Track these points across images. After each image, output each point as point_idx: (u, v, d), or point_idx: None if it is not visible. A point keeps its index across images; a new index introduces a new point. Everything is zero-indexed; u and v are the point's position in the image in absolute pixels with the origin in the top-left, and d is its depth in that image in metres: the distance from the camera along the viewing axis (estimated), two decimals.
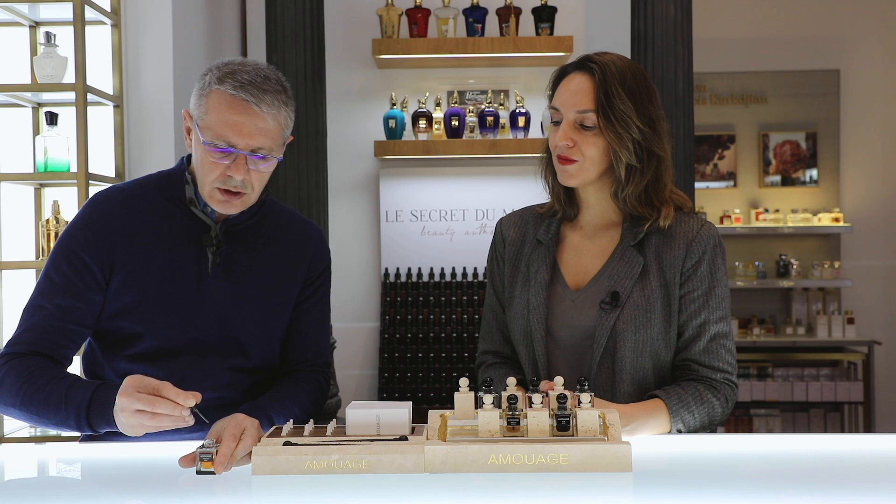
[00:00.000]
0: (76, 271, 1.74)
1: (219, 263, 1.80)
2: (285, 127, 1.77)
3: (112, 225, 1.77)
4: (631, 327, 1.78)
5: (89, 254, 1.75)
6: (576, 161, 1.80)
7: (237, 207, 1.78)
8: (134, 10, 2.85)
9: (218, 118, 1.71)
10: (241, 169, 1.72)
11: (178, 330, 1.77)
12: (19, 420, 1.72)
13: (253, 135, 1.71)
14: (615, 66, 1.80)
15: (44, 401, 1.64)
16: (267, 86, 1.72)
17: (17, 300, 2.80)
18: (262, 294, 1.83)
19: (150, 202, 1.82)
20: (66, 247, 1.77)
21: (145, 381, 1.51)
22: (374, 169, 3.79)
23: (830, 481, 1.42)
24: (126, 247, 1.76)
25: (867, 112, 5.68)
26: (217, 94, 1.72)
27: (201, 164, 1.75)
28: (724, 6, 5.62)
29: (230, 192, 1.75)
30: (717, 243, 1.84)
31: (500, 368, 1.94)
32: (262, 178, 1.77)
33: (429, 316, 3.59)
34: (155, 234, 1.78)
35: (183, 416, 1.48)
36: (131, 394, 1.50)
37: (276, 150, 1.75)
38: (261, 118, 1.71)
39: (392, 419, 1.46)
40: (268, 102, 1.71)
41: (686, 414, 1.75)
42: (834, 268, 5.40)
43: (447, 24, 3.63)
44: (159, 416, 1.49)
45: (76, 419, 1.62)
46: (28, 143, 2.85)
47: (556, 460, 1.37)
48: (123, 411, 1.52)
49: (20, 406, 1.66)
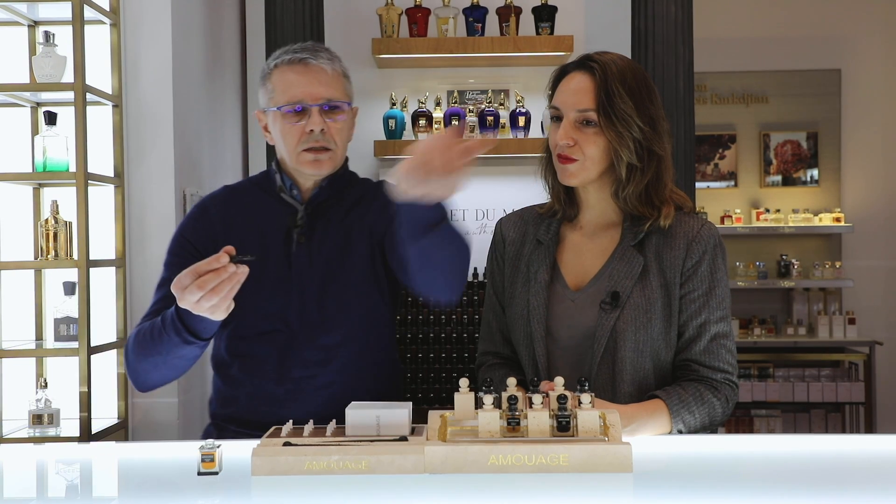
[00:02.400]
0: (187, 252, 1.91)
1: (303, 243, 1.92)
2: (345, 81, 1.96)
3: (213, 214, 1.96)
4: (631, 327, 1.78)
5: (193, 235, 1.94)
6: (576, 160, 1.80)
7: (327, 166, 1.93)
8: (133, 9, 2.84)
9: (283, 85, 1.90)
10: (317, 121, 1.88)
11: (270, 309, 1.90)
12: (152, 375, 1.84)
13: (317, 87, 1.89)
14: (616, 66, 1.79)
15: (150, 338, 1.79)
16: (318, 47, 1.96)
17: (17, 300, 2.80)
18: (339, 271, 1.92)
19: (249, 196, 2.00)
20: (177, 237, 1.97)
21: (182, 278, 1.60)
22: (374, 169, 3.78)
23: (831, 482, 1.42)
24: (225, 231, 1.93)
25: (868, 112, 5.68)
26: (277, 70, 1.92)
27: (282, 136, 1.91)
28: (725, 6, 5.61)
29: (316, 150, 1.89)
30: (718, 243, 1.84)
31: (501, 369, 1.93)
32: (342, 132, 1.94)
33: (429, 316, 3.58)
34: (251, 223, 1.95)
35: (230, 272, 1.59)
36: (182, 296, 1.61)
37: (343, 98, 1.93)
38: (320, 70, 1.90)
39: (392, 419, 1.45)
40: (323, 57, 1.92)
41: (686, 414, 1.74)
42: (835, 268, 5.39)
43: (447, 23, 3.62)
44: (214, 291, 1.58)
45: (178, 334, 1.74)
46: (27, 142, 2.85)
47: (557, 461, 1.37)
48: (193, 309, 1.63)
49: (143, 356, 1.81)
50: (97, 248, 2.72)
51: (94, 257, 2.66)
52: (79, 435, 2.54)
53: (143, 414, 2.79)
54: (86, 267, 2.57)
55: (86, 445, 1.77)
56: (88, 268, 2.58)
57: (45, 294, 2.83)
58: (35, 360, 2.79)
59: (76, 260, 2.60)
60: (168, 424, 2.78)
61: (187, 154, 3.00)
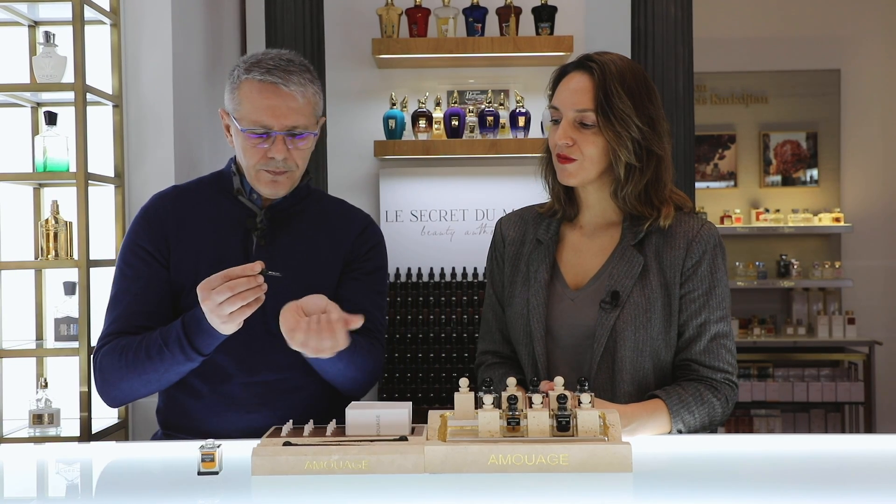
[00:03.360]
0: (141, 260, 1.88)
1: (263, 246, 1.89)
2: (315, 104, 1.89)
3: (164, 215, 1.91)
4: (631, 327, 1.78)
5: (147, 241, 1.89)
6: (575, 160, 1.80)
7: (285, 187, 1.89)
8: (133, 9, 2.84)
9: (251, 105, 1.83)
10: (280, 149, 1.83)
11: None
12: (139, 392, 1.82)
13: (286, 114, 1.83)
14: (615, 66, 1.80)
15: (146, 357, 1.76)
16: (292, 67, 1.85)
17: (17, 300, 2.80)
18: (304, 276, 1.89)
19: (201, 195, 1.95)
20: (129, 242, 1.92)
21: (212, 279, 1.64)
22: (374, 169, 3.78)
23: (831, 482, 1.42)
24: (177, 232, 1.89)
25: (868, 112, 5.68)
26: (247, 84, 1.85)
27: (243, 151, 1.87)
28: (725, 6, 5.61)
29: (276, 172, 1.85)
30: (718, 243, 1.84)
31: (500, 368, 1.93)
32: (304, 155, 1.89)
33: (429, 316, 3.58)
34: (204, 223, 1.91)
35: (259, 282, 1.62)
36: (208, 296, 1.63)
37: (310, 126, 1.87)
38: (291, 97, 1.83)
39: (392, 419, 1.45)
40: (295, 81, 1.83)
41: (686, 414, 1.74)
42: (834, 268, 5.39)
43: (447, 23, 3.62)
44: (241, 296, 1.61)
45: (181, 351, 1.74)
46: (27, 142, 2.85)
47: (557, 461, 1.37)
48: (212, 313, 1.65)
49: (129, 376, 1.78)
50: (97, 248, 2.72)
51: (95, 257, 2.66)
52: (79, 435, 2.54)
53: (143, 414, 2.79)
54: (86, 267, 2.58)
55: (86, 445, 1.77)
56: (89, 268, 2.58)
57: (46, 294, 2.83)
58: (35, 359, 2.79)
59: (76, 260, 2.60)
60: None
61: (187, 154, 3.00)
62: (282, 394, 1.88)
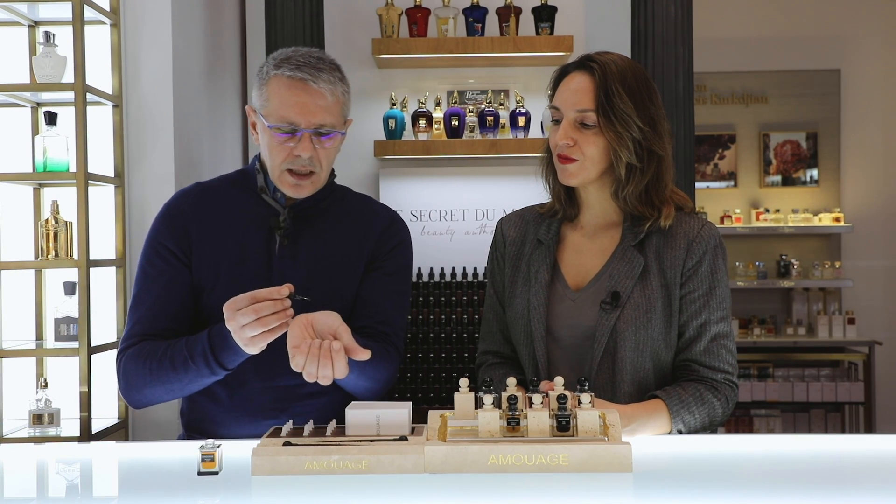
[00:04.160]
0: (164, 259, 1.86)
1: (286, 246, 1.87)
2: (343, 104, 1.88)
3: (187, 213, 1.89)
4: (631, 327, 1.78)
5: (170, 240, 1.87)
6: (576, 160, 1.80)
7: (308, 189, 1.86)
8: (133, 9, 2.84)
9: (280, 101, 1.81)
10: (307, 147, 1.81)
11: None
12: (162, 398, 1.81)
13: (314, 112, 1.80)
14: (615, 66, 1.80)
15: (171, 367, 1.75)
16: (322, 65, 1.83)
17: (17, 300, 2.80)
18: (328, 275, 1.88)
19: (224, 193, 1.93)
20: (151, 240, 1.90)
21: (239, 300, 1.61)
22: (374, 169, 3.78)
23: (831, 482, 1.42)
24: (199, 231, 1.87)
25: (868, 112, 5.68)
26: (276, 80, 1.82)
27: (269, 149, 1.84)
28: (725, 6, 5.61)
29: (300, 175, 1.83)
30: (718, 243, 1.84)
31: (501, 369, 1.93)
32: (329, 156, 1.87)
33: (429, 316, 3.58)
34: (227, 221, 1.89)
35: (286, 308, 1.60)
36: (233, 316, 1.61)
37: (338, 125, 1.85)
38: (320, 95, 1.81)
39: (392, 419, 1.45)
40: (324, 79, 1.81)
41: (686, 414, 1.74)
42: (834, 268, 5.39)
43: (447, 23, 3.62)
44: (265, 319, 1.59)
45: (206, 365, 1.72)
46: (27, 142, 2.85)
47: (557, 461, 1.37)
48: (236, 333, 1.63)
49: (153, 383, 1.77)
50: (97, 248, 2.72)
51: (95, 257, 2.66)
52: (79, 435, 2.54)
53: (143, 414, 2.79)
54: (86, 267, 2.58)
55: (86, 445, 1.77)
56: (89, 268, 2.58)
57: (46, 294, 2.83)
58: (35, 359, 2.79)
59: (76, 260, 2.60)
60: (168, 424, 2.78)
61: (187, 154, 3.00)
62: (301, 398, 1.87)
